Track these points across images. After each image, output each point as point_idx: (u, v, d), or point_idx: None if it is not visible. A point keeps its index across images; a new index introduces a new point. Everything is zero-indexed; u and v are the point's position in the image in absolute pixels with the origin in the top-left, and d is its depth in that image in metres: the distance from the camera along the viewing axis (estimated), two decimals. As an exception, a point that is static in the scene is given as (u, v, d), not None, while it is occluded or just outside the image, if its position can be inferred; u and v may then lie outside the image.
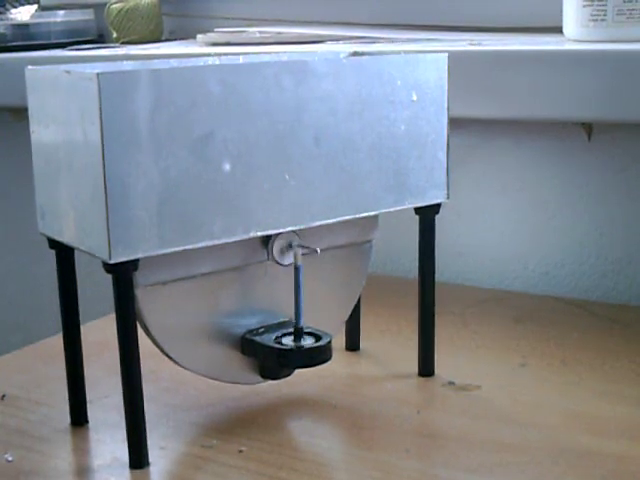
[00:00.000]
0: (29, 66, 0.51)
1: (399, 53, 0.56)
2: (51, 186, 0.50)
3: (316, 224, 0.53)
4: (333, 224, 0.54)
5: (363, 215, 0.55)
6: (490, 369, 0.61)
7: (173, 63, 0.56)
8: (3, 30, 1.04)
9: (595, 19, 0.69)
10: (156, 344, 0.52)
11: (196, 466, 0.50)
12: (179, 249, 0.48)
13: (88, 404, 0.55)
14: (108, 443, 0.53)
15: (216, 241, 0.49)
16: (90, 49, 0.96)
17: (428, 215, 0.59)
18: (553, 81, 0.69)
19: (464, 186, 0.83)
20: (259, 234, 0.51)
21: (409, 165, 0.56)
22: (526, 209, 0.81)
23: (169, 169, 0.47)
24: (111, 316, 0.51)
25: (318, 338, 0.53)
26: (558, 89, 0.68)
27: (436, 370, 0.60)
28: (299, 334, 0.53)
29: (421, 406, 0.56)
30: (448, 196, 0.58)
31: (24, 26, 1.05)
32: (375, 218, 0.59)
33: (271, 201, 0.51)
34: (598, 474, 0.47)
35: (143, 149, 0.46)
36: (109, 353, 0.57)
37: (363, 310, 0.64)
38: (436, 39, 0.81)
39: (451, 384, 0.59)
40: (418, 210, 0.58)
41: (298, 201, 0.52)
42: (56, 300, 0.54)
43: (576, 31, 0.71)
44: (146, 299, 0.51)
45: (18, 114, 1.03)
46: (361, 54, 0.63)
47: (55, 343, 0.60)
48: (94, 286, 0.84)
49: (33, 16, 1.08)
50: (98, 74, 0.44)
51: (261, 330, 0.55)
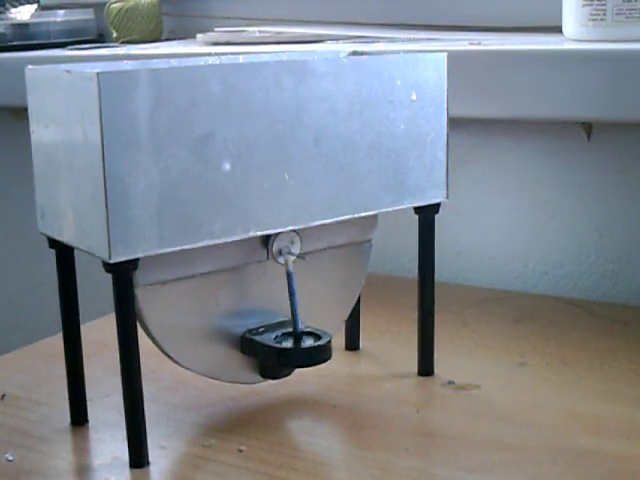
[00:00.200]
0: (29, 66, 0.51)
1: (399, 53, 0.56)
2: (51, 186, 0.50)
3: (316, 224, 0.53)
4: (333, 223, 0.54)
5: (362, 215, 0.55)
6: (489, 369, 0.61)
7: (173, 63, 0.56)
8: (3, 30, 1.04)
9: (595, 19, 0.69)
10: (156, 343, 0.52)
11: (196, 465, 0.50)
12: (179, 249, 0.48)
13: (88, 403, 0.55)
14: (108, 442, 0.53)
15: (216, 241, 0.49)
16: (90, 49, 0.96)
17: (428, 215, 0.59)
18: (553, 81, 0.69)
19: (464, 186, 0.83)
20: (259, 234, 0.51)
21: (409, 165, 0.56)
22: (526, 209, 0.81)
23: (169, 169, 0.47)
24: (111, 316, 0.51)
25: (318, 338, 0.53)
26: (558, 89, 0.68)
27: (435, 370, 0.60)
28: (298, 339, 0.53)
29: (420, 405, 0.56)
30: (448, 196, 0.58)
31: (24, 26, 1.05)
32: (374, 218, 0.59)
33: (271, 201, 0.51)
34: (597, 473, 0.47)
35: (143, 149, 0.46)
36: (109, 353, 0.57)
37: (363, 310, 0.64)
38: (436, 39, 0.81)
39: (450, 384, 0.59)
40: (417, 210, 0.58)
41: (298, 201, 0.52)
42: (56, 300, 0.54)
43: (576, 31, 0.71)
44: (146, 299, 0.51)
45: (18, 114, 1.03)
46: (361, 54, 0.63)
47: (55, 343, 0.60)
48: (94, 286, 0.84)
49: (33, 16, 1.08)
50: (98, 73, 0.44)
51: (261, 329, 0.55)
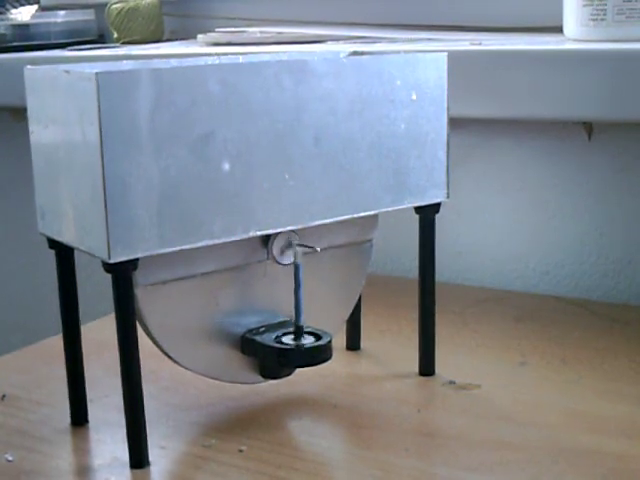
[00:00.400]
0: (28, 66, 0.51)
1: (399, 53, 0.56)
2: (51, 186, 0.50)
3: (316, 223, 0.53)
4: (333, 223, 0.54)
5: (363, 214, 0.55)
6: (490, 368, 0.61)
7: (173, 63, 0.56)
8: (3, 30, 1.04)
9: (595, 19, 0.69)
10: (156, 344, 0.52)
11: (196, 465, 0.50)
12: (179, 249, 0.48)
13: (88, 404, 0.55)
14: (108, 443, 0.53)
15: (216, 240, 0.49)
16: (90, 49, 0.97)
17: (428, 214, 0.59)
18: (553, 81, 0.69)
19: (464, 186, 0.83)
20: (259, 233, 0.51)
21: (409, 164, 0.56)
22: (526, 209, 0.81)
23: (169, 169, 0.47)
24: (111, 316, 0.51)
25: (318, 337, 0.53)
26: (558, 88, 0.68)
27: (436, 369, 0.60)
28: (299, 332, 0.53)
29: (421, 405, 0.56)
30: (448, 195, 0.58)
31: (24, 26, 1.05)
32: (375, 217, 0.59)
33: (271, 201, 0.51)
34: (598, 473, 0.47)
35: (143, 149, 0.46)
36: (109, 353, 0.57)
37: (363, 310, 0.64)
38: (436, 39, 0.81)
39: (451, 383, 0.59)
40: (418, 209, 0.58)
41: (298, 200, 0.52)
42: (56, 300, 0.54)
43: (576, 31, 0.71)
44: (146, 299, 0.51)
45: (18, 114, 1.03)
46: (361, 53, 0.63)
47: (55, 343, 0.60)
48: (94, 286, 0.84)
49: (33, 16, 1.08)
50: (97, 74, 0.44)
51: (261, 329, 0.55)
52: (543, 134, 0.79)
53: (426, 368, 0.60)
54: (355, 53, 0.63)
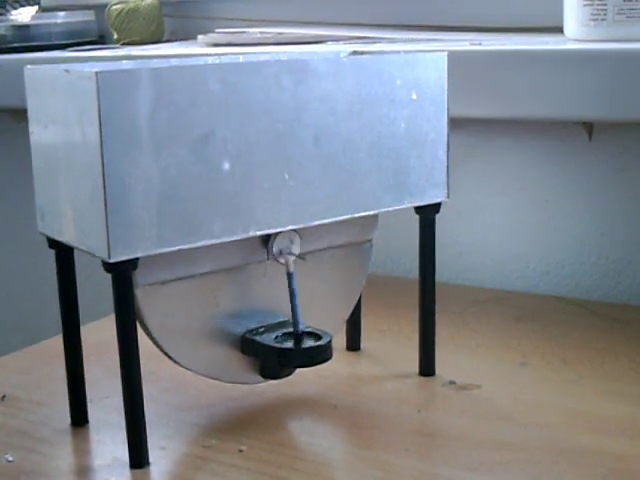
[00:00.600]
0: (28, 65, 0.51)
1: (399, 52, 0.56)
2: (51, 186, 0.50)
3: (316, 223, 0.53)
4: (333, 223, 0.54)
5: (363, 214, 0.55)
6: (491, 368, 0.61)
7: (173, 62, 0.56)
8: (4, 31, 1.04)
9: (595, 18, 0.69)
10: (156, 344, 0.52)
11: (196, 466, 0.50)
12: (179, 248, 0.48)
13: (88, 404, 0.55)
14: (108, 443, 0.53)
15: (216, 240, 0.49)
16: (90, 50, 0.96)
17: (428, 214, 0.59)
18: (553, 81, 0.68)
19: (464, 186, 0.83)
20: (259, 233, 0.51)
21: (409, 164, 0.56)
22: (526, 209, 0.81)
23: (169, 168, 0.47)
24: (111, 317, 0.51)
25: (318, 338, 0.53)
26: (558, 88, 0.68)
27: (437, 370, 0.60)
28: (299, 340, 0.53)
29: (421, 405, 0.56)
30: (448, 195, 0.58)
31: (25, 27, 1.05)
32: (375, 217, 0.59)
33: (271, 200, 0.51)
34: (598, 473, 0.47)
35: (142, 148, 0.46)
36: (109, 353, 0.57)
37: (363, 310, 0.64)
38: (436, 39, 0.81)
39: (452, 383, 0.59)
40: (418, 209, 0.58)
41: (298, 200, 0.52)
42: (56, 301, 0.54)
43: (576, 30, 0.71)
44: (146, 298, 0.51)
45: (18, 115, 1.03)
46: (361, 53, 0.63)
47: (55, 344, 0.60)
48: (94, 287, 0.84)
49: (34, 17, 1.08)
50: (97, 73, 0.44)
51: (261, 330, 0.54)
52: (543, 134, 0.79)
53: (426, 368, 0.60)
54: (355, 53, 0.63)
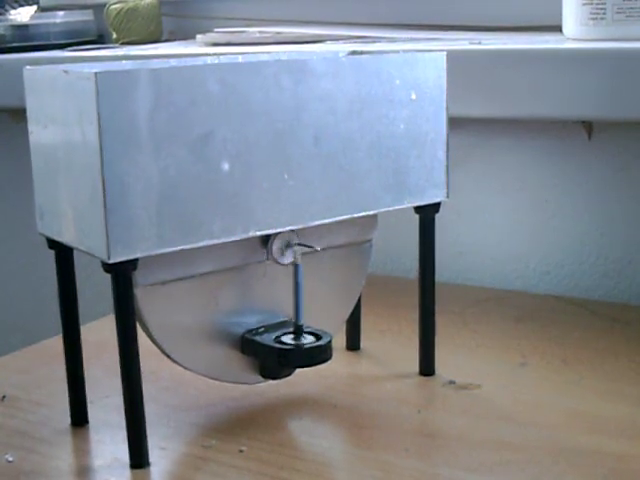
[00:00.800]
0: (27, 66, 0.51)
1: (398, 52, 0.56)
2: (50, 186, 0.50)
3: (315, 223, 0.53)
4: (332, 223, 0.54)
5: (362, 214, 0.55)
6: (491, 368, 0.61)
7: (172, 63, 0.56)
8: (3, 31, 1.04)
9: (595, 18, 0.69)
10: (156, 344, 0.52)
11: (196, 466, 0.50)
12: (178, 249, 0.48)
13: (88, 405, 0.55)
14: (108, 443, 0.53)
15: (215, 240, 0.49)
16: (89, 50, 0.96)
17: (428, 214, 0.58)
18: (553, 80, 0.68)
19: (464, 186, 0.83)
20: (258, 234, 0.51)
21: (408, 164, 0.56)
22: (526, 208, 0.81)
23: (168, 168, 0.47)
24: (111, 317, 0.51)
25: (318, 337, 0.53)
26: (558, 88, 0.68)
27: (437, 369, 0.60)
28: (299, 332, 0.53)
29: (421, 405, 0.56)
30: (448, 195, 0.58)
31: (24, 27, 1.05)
32: (374, 217, 0.59)
33: (270, 200, 0.51)
34: (599, 473, 0.47)
35: (142, 149, 0.46)
36: (109, 353, 0.57)
37: (363, 310, 0.64)
38: (436, 39, 0.81)
39: (451, 383, 0.59)
40: (418, 209, 0.58)
41: (297, 200, 0.52)
42: (56, 301, 0.54)
43: (576, 30, 0.71)
44: (145, 299, 0.51)
45: (17, 115, 1.03)
46: (360, 53, 0.63)
47: (55, 344, 0.60)
48: (94, 287, 0.84)
49: (32, 17, 1.08)
50: (96, 73, 0.44)
51: (261, 330, 0.54)
52: (543, 134, 0.79)
53: (426, 368, 0.60)
54: (354, 53, 0.63)
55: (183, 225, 0.48)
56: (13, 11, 1.10)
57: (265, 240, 0.54)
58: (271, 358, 0.53)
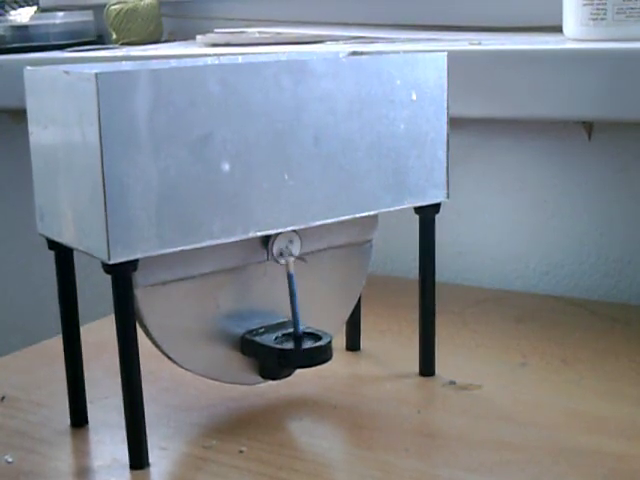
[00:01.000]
0: (28, 67, 0.51)
1: (398, 52, 0.56)
2: (50, 187, 0.50)
3: (316, 224, 0.53)
4: (333, 224, 0.54)
5: (363, 214, 0.55)
6: (491, 369, 0.61)
7: (172, 63, 0.56)
8: (2, 32, 1.04)
9: (595, 18, 0.69)
10: (156, 344, 0.52)
11: (196, 467, 0.50)
12: (178, 249, 0.48)
13: (88, 405, 0.55)
14: (108, 444, 0.53)
15: (215, 241, 0.49)
16: (89, 50, 0.96)
17: (428, 215, 0.58)
18: (553, 80, 0.68)
19: (464, 186, 0.83)
20: (258, 234, 0.51)
21: (409, 164, 0.56)
22: (526, 209, 0.81)
23: (168, 169, 0.47)
24: (111, 317, 0.51)
25: (318, 338, 0.53)
26: (558, 88, 0.68)
27: (437, 370, 0.60)
28: (299, 341, 0.53)
29: (421, 406, 0.56)
30: (448, 195, 0.58)
31: (23, 28, 1.05)
32: (375, 218, 0.59)
33: (270, 201, 0.51)
34: (599, 473, 0.47)
35: (142, 149, 0.46)
36: (109, 354, 0.57)
37: (363, 310, 0.64)
38: (436, 39, 0.81)
39: (452, 384, 0.59)
40: (418, 210, 0.58)
41: (297, 201, 0.52)
42: (56, 301, 0.54)
43: (576, 30, 0.71)
44: (145, 299, 0.51)
45: (17, 116, 1.03)
46: (360, 54, 0.63)
47: (55, 344, 0.60)
48: (93, 287, 0.84)
49: (32, 18, 1.08)
50: (96, 74, 0.44)
51: (261, 330, 0.54)
52: (543, 134, 0.79)
53: (426, 368, 0.60)
54: (354, 53, 0.63)
55: (183, 225, 0.48)
56: (13, 12, 1.10)
57: (265, 240, 0.54)
58: (271, 359, 0.53)
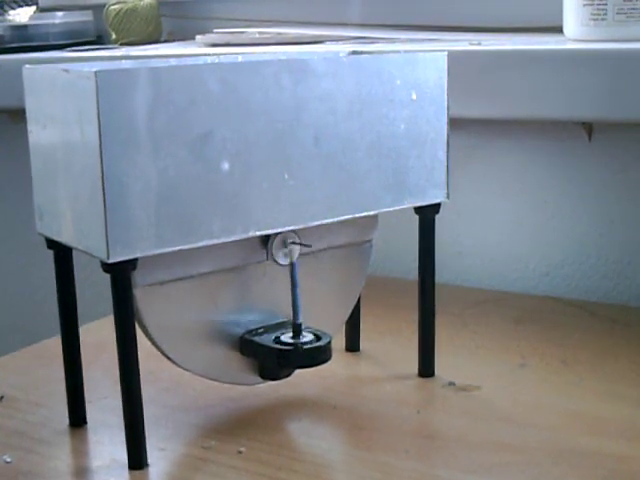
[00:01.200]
0: (27, 65, 0.51)
1: (398, 52, 0.56)
2: (49, 186, 0.50)
3: (315, 224, 0.53)
4: (332, 224, 0.54)
5: (362, 214, 0.55)
6: (490, 370, 0.61)
7: (172, 62, 0.56)
8: (2, 32, 1.04)
9: (595, 18, 0.69)
10: (155, 344, 0.52)
11: (195, 467, 0.50)
12: (178, 249, 0.48)
13: (87, 405, 0.55)
14: (107, 444, 0.52)
15: (215, 241, 0.49)
16: (89, 50, 0.96)
17: (428, 215, 0.58)
18: (553, 81, 0.68)
19: (464, 186, 0.82)
20: (258, 234, 0.51)
21: (409, 164, 0.56)
22: (526, 209, 0.81)
23: (167, 168, 0.47)
24: (110, 317, 0.51)
25: (318, 338, 0.53)
26: (558, 89, 0.68)
27: (436, 371, 0.60)
28: (298, 331, 0.53)
29: (421, 407, 0.56)
30: (448, 196, 0.58)
31: (23, 27, 1.05)
32: (375, 218, 0.58)
33: (270, 200, 0.50)
34: (599, 474, 0.47)
35: (141, 148, 0.46)
36: (108, 354, 0.57)
37: (363, 311, 0.64)
38: (436, 39, 0.81)
39: (451, 385, 0.59)
40: (418, 210, 0.58)
41: (297, 200, 0.51)
42: (55, 301, 0.54)
43: (576, 30, 0.71)
44: (145, 299, 0.51)
45: (16, 116, 1.03)
46: (360, 53, 0.63)
47: (54, 344, 0.60)
48: (93, 287, 0.84)
49: (32, 17, 1.08)
50: (96, 72, 0.44)
51: (260, 330, 0.54)
52: (543, 135, 0.79)
53: (426, 369, 0.60)
54: (354, 53, 0.63)
55: (182, 225, 0.48)
56: (12, 11, 1.10)
57: (265, 240, 0.54)
58: (270, 359, 0.53)
